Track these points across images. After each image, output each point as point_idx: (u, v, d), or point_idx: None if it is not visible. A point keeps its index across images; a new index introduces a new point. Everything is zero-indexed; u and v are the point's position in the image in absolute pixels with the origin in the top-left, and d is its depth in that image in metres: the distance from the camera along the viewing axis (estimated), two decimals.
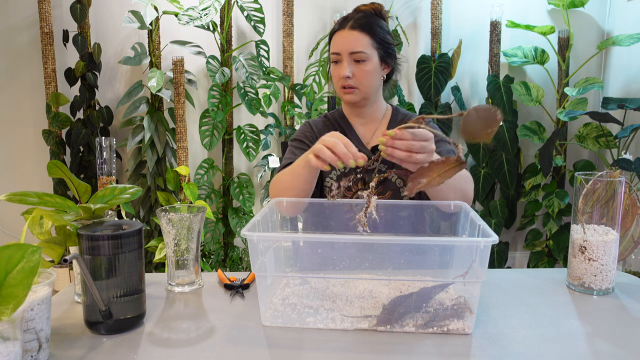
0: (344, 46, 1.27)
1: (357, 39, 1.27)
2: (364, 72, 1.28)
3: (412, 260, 0.85)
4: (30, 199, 0.80)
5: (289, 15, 2.63)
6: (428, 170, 0.82)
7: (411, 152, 0.91)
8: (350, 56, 1.27)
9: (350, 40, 1.27)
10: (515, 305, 0.94)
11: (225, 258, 2.70)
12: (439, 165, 0.82)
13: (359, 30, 1.27)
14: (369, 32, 1.28)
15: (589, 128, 2.60)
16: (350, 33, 1.27)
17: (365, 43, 1.27)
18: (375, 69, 1.29)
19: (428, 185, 0.81)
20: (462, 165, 0.81)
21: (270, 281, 0.95)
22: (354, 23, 1.28)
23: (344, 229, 1.12)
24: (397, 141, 0.91)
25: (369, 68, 1.28)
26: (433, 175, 0.81)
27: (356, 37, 1.27)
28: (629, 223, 1.05)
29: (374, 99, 1.35)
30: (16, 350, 0.62)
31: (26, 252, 0.62)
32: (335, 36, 1.30)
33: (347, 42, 1.27)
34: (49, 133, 2.53)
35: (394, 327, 0.83)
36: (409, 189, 0.83)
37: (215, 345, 0.80)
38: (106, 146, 1.22)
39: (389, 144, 0.92)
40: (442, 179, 0.81)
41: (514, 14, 2.73)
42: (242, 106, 2.74)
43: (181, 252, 0.99)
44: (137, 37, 2.73)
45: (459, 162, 0.81)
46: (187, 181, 2.39)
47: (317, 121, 1.43)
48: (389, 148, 0.92)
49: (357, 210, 1.09)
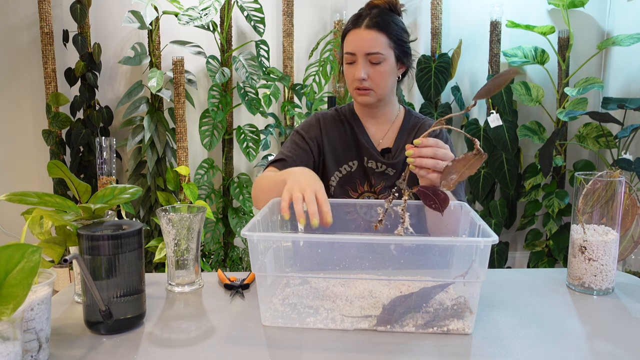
0: (359, 47, 1.21)
1: (373, 39, 1.20)
2: (380, 74, 1.22)
3: (412, 260, 0.85)
4: (30, 199, 0.80)
5: (289, 15, 2.63)
6: (453, 167, 0.88)
7: (437, 159, 0.94)
8: (365, 57, 1.21)
9: (366, 40, 1.20)
10: (515, 305, 0.94)
11: (225, 258, 2.70)
12: (461, 161, 0.87)
13: (375, 30, 1.21)
14: (386, 31, 1.21)
15: (589, 128, 2.60)
16: (367, 32, 1.21)
17: (381, 43, 1.21)
18: (391, 69, 1.24)
19: (460, 178, 0.87)
20: (482, 156, 0.86)
21: (270, 281, 0.95)
22: (370, 22, 1.21)
23: (344, 229, 1.12)
24: (423, 149, 0.94)
25: (386, 69, 1.23)
26: (461, 170, 0.87)
27: (372, 37, 1.20)
28: (629, 223, 1.05)
29: (389, 99, 1.31)
30: (16, 350, 0.62)
31: (26, 252, 0.62)
32: (350, 35, 1.24)
33: (363, 43, 1.21)
34: (49, 133, 2.53)
35: (394, 327, 0.83)
36: (445, 186, 0.88)
37: (215, 345, 0.80)
38: (106, 146, 1.22)
39: (417, 153, 0.95)
40: (470, 171, 0.87)
41: (514, 14, 2.73)
42: (242, 106, 2.74)
43: (181, 252, 0.99)
44: (137, 37, 2.73)
45: (479, 154, 0.86)
46: (187, 181, 2.39)
47: (327, 116, 1.37)
48: (417, 158, 0.94)
49: (360, 211, 1.09)
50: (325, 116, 1.37)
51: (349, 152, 1.33)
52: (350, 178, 1.32)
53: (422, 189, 0.92)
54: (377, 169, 1.32)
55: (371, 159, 1.32)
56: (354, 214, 1.10)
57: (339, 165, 1.33)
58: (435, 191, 0.89)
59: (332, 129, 1.35)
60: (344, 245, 0.92)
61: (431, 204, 0.89)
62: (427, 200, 0.91)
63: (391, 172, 1.31)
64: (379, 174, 1.32)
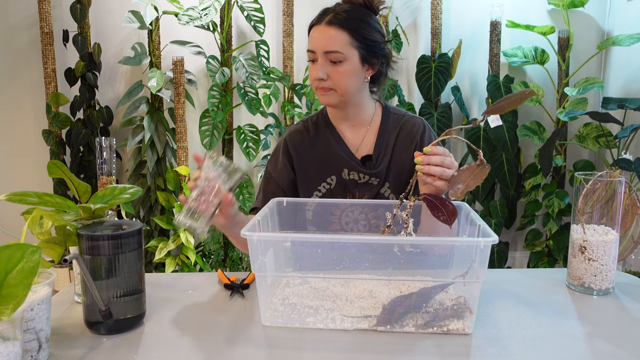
0: (318, 44, 1.14)
1: (333, 36, 1.12)
2: (339, 74, 1.14)
3: (412, 260, 0.85)
4: (30, 199, 0.80)
5: (289, 15, 2.63)
6: (459, 177, 0.90)
7: (444, 166, 0.95)
8: (325, 55, 1.13)
9: (325, 38, 1.12)
10: (515, 305, 0.94)
11: (225, 258, 2.70)
12: (465, 171, 0.90)
13: (336, 27, 1.12)
14: (348, 29, 1.12)
15: (589, 128, 2.60)
16: (327, 29, 1.12)
17: (342, 41, 1.12)
18: (353, 70, 1.14)
19: (467, 189, 0.89)
20: (485, 167, 0.88)
21: (270, 281, 0.95)
22: (333, 18, 1.13)
23: (344, 229, 1.12)
24: (432, 157, 0.94)
25: (346, 69, 1.14)
26: (466, 180, 0.89)
27: (333, 34, 1.12)
28: (629, 223, 1.05)
29: (357, 101, 1.21)
30: (16, 350, 0.62)
31: (26, 252, 0.62)
32: (312, 31, 1.16)
33: (322, 40, 1.13)
34: (49, 133, 2.53)
35: (393, 327, 0.83)
36: (453, 195, 0.89)
37: (215, 345, 0.80)
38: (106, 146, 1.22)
39: (425, 161, 0.95)
40: (475, 182, 0.89)
41: (514, 14, 2.73)
42: (242, 106, 2.74)
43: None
44: (137, 37, 2.73)
45: (482, 164, 0.89)
46: (187, 181, 2.39)
47: (293, 135, 1.27)
48: (426, 166, 0.94)
49: (359, 210, 1.09)
50: (291, 136, 1.28)
51: (325, 167, 1.24)
52: (332, 196, 1.24)
53: (429, 197, 0.91)
54: (360, 180, 1.23)
55: (352, 170, 1.23)
56: (354, 215, 1.10)
57: (317, 184, 1.25)
58: (443, 202, 0.89)
59: (301, 147, 1.26)
60: (344, 245, 0.92)
61: (439, 216, 0.89)
62: (434, 212, 0.91)
63: (375, 181, 1.22)
64: (362, 185, 1.23)
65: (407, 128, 1.24)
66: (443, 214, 0.89)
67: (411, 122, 1.26)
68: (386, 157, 1.23)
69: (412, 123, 1.25)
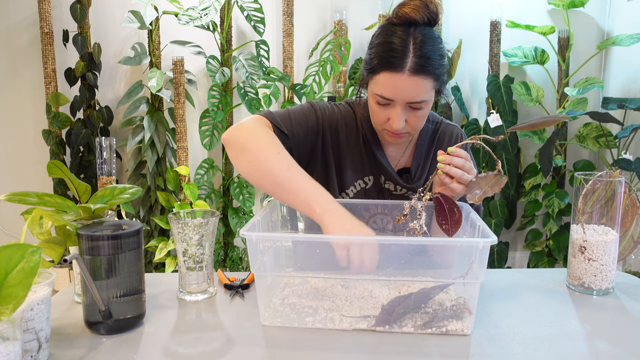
0: (401, 95, 1.00)
1: (420, 87, 0.99)
2: (419, 118, 1.05)
3: (412, 260, 0.85)
4: (30, 199, 0.80)
5: (289, 15, 2.63)
6: (477, 183, 0.94)
7: (464, 170, 0.96)
8: (406, 104, 1.02)
9: (410, 90, 1.00)
10: (515, 305, 0.94)
11: (225, 258, 2.71)
12: (483, 179, 0.94)
13: (422, 75, 0.98)
14: (432, 73, 0.99)
15: (589, 128, 2.60)
16: (412, 80, 0.98)
17: (427, 88, 1.01)
18: (430, 106, 1.06)
19: (484, 195, 0.93)
20: (502, 177, 0.93)
21: (270, 281, 0.95)
22: (417, 65, 0.97)
23: None
24: (455, 158, 0.96)
25: (426, 111, 1.05)
26: (484, 187, 0.93)
27: (419, 84, 0.99)
28: (629, 223, 1.05)
29: None
30: (16, 350, 0.62)
31: (26, 252, 0.62)
32: (389, 78, 0.99)
33: (406, 92, 1.00)
34: (49, 133, 2.53)
35: (392, 327, 0.83)
36: (471, 199, 0.92)
37: (215, 344, 0.80)
38: (106, 146, 1.22)
39: (447, 160, 0.96)
40: (492, 190, 0.93)
41: (514, 14, 2.73)
42: (242, 106, 2.74)
43: (197, 257, 0.95)
44: (137, 37, 2.73)
45: (500, 175, 0.93)
46: (187, 181, 2.40)
47: (349, 121, 1.18)
48: (447, 166, 0.95)
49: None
50: (347, 121, 1.17)
51: (367, 164, 1.18)
52: (365, 196, 1.18)
53: (441, 198, 0.92)
54: (396, 192, 1.18)
55: (388, 179, 1.18)
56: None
57: (356, 177, 1.18)
58: (452, 208, 0.90)
59: (352, 131, 1.17)
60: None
61: (442, 223, 0.90)
62: (439, 217, 0.91)
63: (411, 195, 1.15)
64: (397, 197, 1.18)
65: (444, 139, 1.21)
66: (446, 223, 0.89)
67: (448, 131, 1.22)
68: (424, 171, 1.20)
69: (449, 133, 1.22)
